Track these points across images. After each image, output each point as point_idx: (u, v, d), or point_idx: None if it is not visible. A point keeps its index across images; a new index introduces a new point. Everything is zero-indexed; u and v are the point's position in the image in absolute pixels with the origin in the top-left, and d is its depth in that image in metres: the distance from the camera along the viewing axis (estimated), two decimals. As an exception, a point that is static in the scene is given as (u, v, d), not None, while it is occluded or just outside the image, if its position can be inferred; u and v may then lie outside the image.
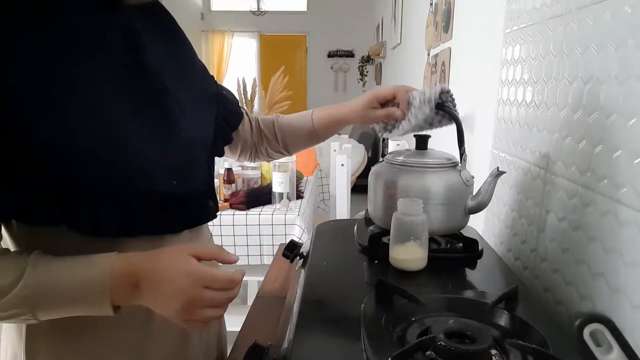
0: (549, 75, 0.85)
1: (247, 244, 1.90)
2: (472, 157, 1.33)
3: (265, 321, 0.85)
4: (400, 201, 0.79)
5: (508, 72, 1.05)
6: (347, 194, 2.43)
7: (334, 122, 0.99)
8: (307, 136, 1.01)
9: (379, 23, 5.55)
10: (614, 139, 0.64)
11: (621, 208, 0.62)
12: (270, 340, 0.69)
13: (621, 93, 0.63)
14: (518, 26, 1.00)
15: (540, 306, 0.71)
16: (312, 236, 1.04)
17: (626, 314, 0.60)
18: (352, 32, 6.96)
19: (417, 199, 0.79)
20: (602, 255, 0.66)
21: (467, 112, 1.43)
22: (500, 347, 0.57)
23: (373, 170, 0.98)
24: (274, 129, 1.00)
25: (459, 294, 0.72)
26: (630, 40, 0.61)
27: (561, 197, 0.78)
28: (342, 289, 0.76)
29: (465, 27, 1.60)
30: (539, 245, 0.87)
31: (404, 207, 0.78)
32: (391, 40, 4.22)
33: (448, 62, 1.78)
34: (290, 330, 0.65)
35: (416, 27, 2.77)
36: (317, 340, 0.62)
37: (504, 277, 0.83)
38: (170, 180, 0.66)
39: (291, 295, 0.82)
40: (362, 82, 7.12)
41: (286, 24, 7.04)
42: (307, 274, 0.83)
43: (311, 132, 0.99)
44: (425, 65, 2.31)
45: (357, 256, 0.90)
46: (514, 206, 0.99)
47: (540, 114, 0.88)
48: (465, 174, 0.90)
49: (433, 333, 0.55)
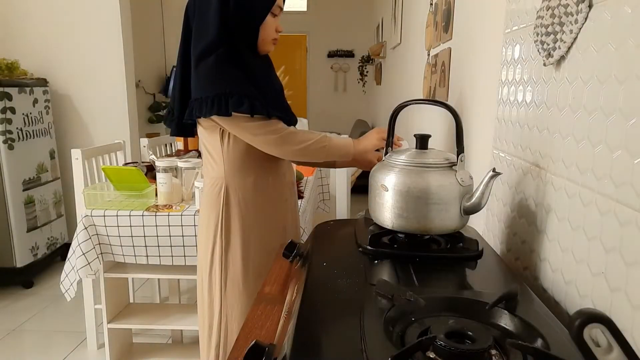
0: (549, 75, 0.85)
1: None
2: (472, 157, 1.33)
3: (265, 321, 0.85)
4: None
5: (508, 72, 1.05)
6: (347, 194, 2.43)
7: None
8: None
9: (379, 23, 5.55)
10: (614, 138, 0.64)
11: (621, 208, 0.62)
12: (270, 340, 0.69)
13: (621, 93, 0.63)
14: (518, 26, 1.00)
15: (540, 306, 0.71)
16: (312, 236, 1.04)
17: (626, 314, 0.60)
18: (352, 32, 6.95)
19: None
20: (602, 255, 0.66)
21: (467, 112, 1.43)
22: (501, 347, 0.57)
23: (373, 170, 0.99)
24: None
25: (459, 294, 0.72)
26: (630, 40, 0.61)
27: (561, 197, 0.78)
28: (342, 289, 0.76)
29: (465, 27, 1.60)
30: (539, 245, 0.87)
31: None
32: (391, 40, 4.22)
33: (448, 62, 1.78)
34: (290, 330, 0.65)
35: (416, 27, 2.77)
36: (317, 341, 0.62)
37: (504, 277, 0.83)
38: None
39: (291, 295, 0.82)
40: (362, 82, 7.12)
41: (286, 24, 6.98)
42: (307, 274, 0.83)
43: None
44: (425, 65, 2.31)
45: (357, 256, 0.90)
46: (514, 206, 0.99)
47: (540, 114, 0.88)
48: (462, 174, 0.90)
49: (433, 333, 0.55)
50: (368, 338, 0.57)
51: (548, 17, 0.82)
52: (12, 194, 2.86)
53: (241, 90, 1.20)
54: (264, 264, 1.33)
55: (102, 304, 1.99)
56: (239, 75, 1.22)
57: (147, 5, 4.75)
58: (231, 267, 1.35)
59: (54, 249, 3.22)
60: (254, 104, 1.21)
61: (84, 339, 2.33)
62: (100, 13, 3.26)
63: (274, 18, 1.28)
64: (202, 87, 1.23)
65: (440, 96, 1.90)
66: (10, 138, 2.83)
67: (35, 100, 3.07)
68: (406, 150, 0.96)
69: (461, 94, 1.59)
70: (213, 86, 1.21)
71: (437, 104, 1.00)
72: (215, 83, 1.21)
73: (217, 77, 1.22)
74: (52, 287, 2.97)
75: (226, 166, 1.32)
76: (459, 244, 0.93)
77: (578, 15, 0.73)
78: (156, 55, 5.07)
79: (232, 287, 1.36)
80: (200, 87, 1.23)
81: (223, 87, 1.20)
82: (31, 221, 2.99)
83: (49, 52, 3.30)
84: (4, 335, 2.43)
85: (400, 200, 0.90)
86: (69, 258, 1.86)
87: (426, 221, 0.90)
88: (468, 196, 0.90)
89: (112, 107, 3.36)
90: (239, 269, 1.34)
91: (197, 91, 1.24)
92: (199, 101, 1.22)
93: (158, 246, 1.81)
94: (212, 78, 1.22)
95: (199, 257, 1.42)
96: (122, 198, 1.95)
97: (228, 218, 1.34)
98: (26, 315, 2.63)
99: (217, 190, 1.33)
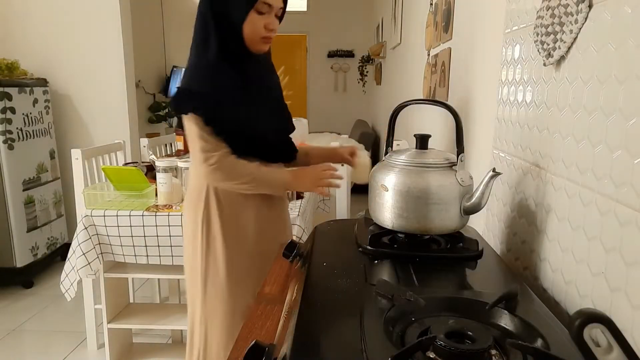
0: (549, 75, 0.85)
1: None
2: (473, 157, 1.33)
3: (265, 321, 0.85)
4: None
5: (508, 72, 1.05)
6: (347, 194, 2.43)
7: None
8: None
9: (379, 23, 5.55)
10: (614, 138, 0.64)
11: (621, 208, 0.62)
12: (270, 340, 0.69)
13: (621, 93, 0.63)
14: (518, 26, 1.00)
15: (540, 306, 0.71)
16: (312, 236, 1.04)
17: (626, 314, 0.60)
18: (352, 32, 6.95)
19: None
20: (602, 255, 0.66)
21: (467, 112, 1.43)
22: (501, 347, 0.57)
23: (373, 170, 0.99)
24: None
25: (459, 294, 0.72)
26: (630, 40, 0.61)
27: (561, 197, 0.78)
28: (342, 289, 0.76)
29: (465, 27, 1.60)
30: (539, 245, 0.87)
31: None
32: (391, 40, 4.22)
33: (448, 62, 1.78)
34: (290, 330, 0.65)
35: (416, 27, 2.77)
36: (317, 340, 0.62)
37: (504, 277, 0.83)
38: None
39: (291, 295, 0.82)
40: (362, 82, 7.12)
41: (286, 24, 7.00)
42: (307, 274, 0.83)
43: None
44: (425, 65, 2.31)
45: (357, 256, 0.90)
46: (514, 206, 0.99)
47: (540, 114, 0.88)
48: (462, 174, 0.90)
49: (433, 333, 0.55)
50: (368, 338, 0.57)
51: (548, 17, 0.82)
52: (12, 194, 2.85)
53: (201, 91, 1.19)
54: (247, 271, 1.29)
55: (102, 304, 1.99)
56: (208, 75, 1.20)
57: (147, 5, 4.75)
58: (212, 273, 1.30)
59: (54, 249, 3.21)
60: (201, 107, 1.18)
61: (84, 339, 2.33)
62: (100, 13, 3.26)
63: (262, 15, 1.21)
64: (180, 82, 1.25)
65: (440, 96, 1.90)
66: (10, 138, 2.83)
67: (35, 100, 3.06)
68: (406, 150, 0.96)
69: (461, 94, 1.59)
70: (183, 80, 1.23)
71: (437, 104, 1.00)
72: (185, 77, 1.23)
73: (192, 74, 1.22)
74: (52, 287, 2.97)
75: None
76: (459, 244, 0.93)
77: (578, 15, 0.73)
78: (156, 55, 5.07)
79: (212, 294, 1.30)
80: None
81: (187, 83, 1.21)
82: (31, 221, 2.99)
83: (49, 52, 3.30)
84: (4, 335, 2.43)
85: (400, 200, 0.90)
86: (69, 258, 1.86)
87: (426, 221, 0.90)
88: (468, 196, 0.90)
89: (112, 107, 3.35)
90: (219, 275, 1.29)
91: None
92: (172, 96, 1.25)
93: (158, 246, 1.81)
94: (188, 73, 1.23)
95: (184, 262, 1.39)
96: (122, 198, 1.95)
97: (209, 222, 1.28)
98: (26, 315, 2.63)
99: (198, 193, 1.29)
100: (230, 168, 1.21)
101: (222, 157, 1.20)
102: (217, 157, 1.19)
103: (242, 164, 1.22)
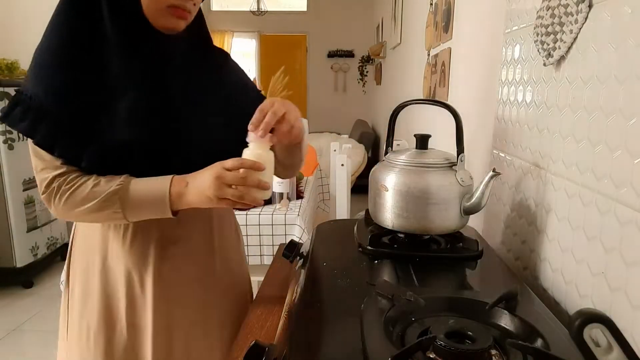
0: (549, 75, 0.85)
1: (247, 244, 1.90)
2: (472, 157, 1.33)
3: (265, 321, 0.85)
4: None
5: (508, 72, 1.05)
6: (347, 194, 2.43)
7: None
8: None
9: (379, 23, 5.55)
10: (614, 138, 0.64)
11: (621, 208, 0.62)
12: (270, 340, 0.69)
13: (621, 93, 0.63)
14: (518, 26, 1.00)
15: (540, 306, 0.71)
16: (312, 236, 1.04)
17: (626, 314, 0.60)
18: (352, 32, 6.95)
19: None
20: (602, 255, 0.66)
21: (467, 112, 1.43)
22: (501, 347, 0.57)
23: (373, 170, 0.99)
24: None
25: (459, 294, 0.72)
26: (630, 40, 0.61)
27: (561, 197, 0.78)
28: (342, 289, 0.76)
29: (465, 27, 1.60)
30: (539, 245, 0.87)
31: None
32: (391, 40, 4.22)
33: (448, 62, 1.78)
34: (290, 330, 0.65)
35: (416, 27, 2.77)
36: (317, 341, 0.62)
37: (503, 277, 0.83)
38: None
39: (291, 295, 0.82)
40: (362, 82, 7.12)
41: (286, 24, 7.03)
42: (307, 274, 0.83)
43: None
44: (425, 65, 2.31)
45: (357, 256, 0.90)
46: (514, 206, 0.99)
47: (540, 114, 0.88)
48: (462, 174, 0.90)
49: (433, 333, 0.55)
50: (368, 338, 0.57)
51: (548, 17, 0.82)
52: (12, 194, 2.85)
53: (39, 94, 0.83)
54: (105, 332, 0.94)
55: (102, 304, 1.99)
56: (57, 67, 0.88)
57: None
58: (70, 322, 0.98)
59: (54, 249, 3.22)
60: (36, 121, 0.82)
61: (84, 339, 2.33)
62: (100, 13, 3.26)
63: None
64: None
65: (440, 96, 1.90)
66: (10, 138, 2.83)
67: (35, 100, 3.07)
68: (406, 150, 0.96)
69: (461, 94, 1.59)
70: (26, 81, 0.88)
71: (437, 104, 1.00)
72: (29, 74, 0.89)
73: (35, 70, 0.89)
74: (52, 287, 2.97)
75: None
76: (459, 244, 0.93)
77: (578, 15, 0.73)
78: (156, 55, 5.06)
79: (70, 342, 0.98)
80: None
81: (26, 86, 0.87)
82: (31, 221, 2.99)
83: (49, 52, 3.30)
84: (4, 335, 2.43)
85: (400, 200, 0.90)
86: (69, 258, 1.85)
87: (426, 221, 0.90)
88: (468, 196, 0.90)
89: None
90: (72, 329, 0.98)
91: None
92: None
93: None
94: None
95: None
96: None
97: (72, 258, 0.99)
98: (26, 315, 2.63)
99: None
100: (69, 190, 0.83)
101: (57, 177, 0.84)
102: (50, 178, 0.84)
103: (84, 182, 0.84)
